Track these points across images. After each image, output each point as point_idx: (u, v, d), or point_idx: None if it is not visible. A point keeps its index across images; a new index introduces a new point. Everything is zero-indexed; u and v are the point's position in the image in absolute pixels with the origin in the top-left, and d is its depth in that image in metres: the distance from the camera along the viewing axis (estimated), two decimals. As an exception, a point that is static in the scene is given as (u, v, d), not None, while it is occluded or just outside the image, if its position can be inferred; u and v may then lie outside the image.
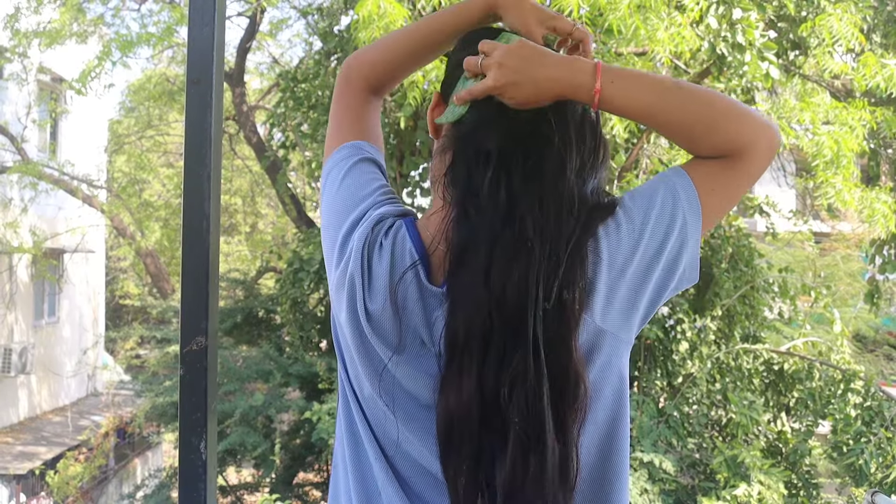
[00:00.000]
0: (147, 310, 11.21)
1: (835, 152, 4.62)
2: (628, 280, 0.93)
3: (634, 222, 0.95)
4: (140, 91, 13.19)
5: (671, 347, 6.21)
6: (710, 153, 0.96)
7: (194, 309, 1.22)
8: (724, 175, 0.97)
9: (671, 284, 0.97)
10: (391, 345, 0.94)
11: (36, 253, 11.33)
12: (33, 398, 12.81)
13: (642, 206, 0.96)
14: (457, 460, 0.89)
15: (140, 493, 8.68)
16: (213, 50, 1.24)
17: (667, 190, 0.97)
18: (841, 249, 11.54)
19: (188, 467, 1.22)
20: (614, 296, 0.93)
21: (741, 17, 4.53)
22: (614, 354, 0.95)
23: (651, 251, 0.94)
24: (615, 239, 0.94)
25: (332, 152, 1.11)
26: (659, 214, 0.95)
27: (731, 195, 0.99)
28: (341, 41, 6.66)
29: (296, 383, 7.30)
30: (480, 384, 0.88)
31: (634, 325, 0.96)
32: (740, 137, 0.94)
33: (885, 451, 5.01)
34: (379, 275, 0.95)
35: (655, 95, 0.95)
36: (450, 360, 0.90)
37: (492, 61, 0.95)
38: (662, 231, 0.95)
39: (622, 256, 0.93)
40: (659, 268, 0.95)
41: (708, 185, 0.97)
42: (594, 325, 0.92)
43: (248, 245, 15.73)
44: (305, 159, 7.38)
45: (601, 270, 0.92)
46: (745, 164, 0.96)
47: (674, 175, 0.98)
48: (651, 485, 5.03)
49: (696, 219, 0.96)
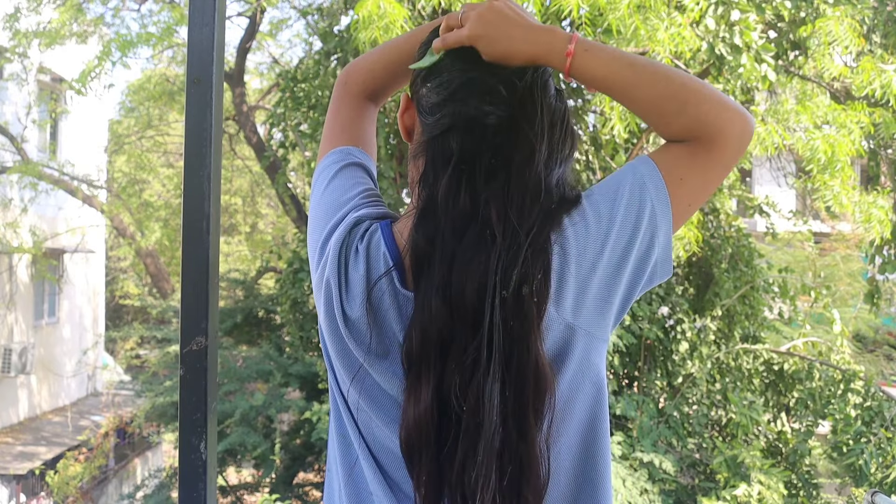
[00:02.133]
0: (147, 310, 11.20)
1: (829, 157, 4.61)
2: (599, 275, 0.91)
3: (602, 214, 0.93)
4: (140, 91, 13.19)
5: (671, 347, 6.22)
6: (681, 134, 0.94)
7: (194, 309, 1.22)
8: (693, 162, 0.94)
9: (643, 278, 0.95)
10: (369, 349, 0.94)
11: (36, 253, 11.33)
12: (33, 398, 12.81)
13: (609, 197, 0.94)
14: (418, 470, 0.88)
15: (140, 493, 8.68)
16: (213, 50, 1.24)
17: (634, 179, 0.94)
18: (841, 249, 11.54)
19: (188, 467, 1.22)
20: (586, 292, 0.91)
21: (739, 19, 4.53)
22: (590, 352, 0.93)
23: (621, 244, 0.92)
24: (583, 232, 0.92)
25: (322, 157, 1.12)
26: (627, 205, 0.93)
27: (702, 184, 0.96)
28: (341, 41, 6.65)
29: (296, 383, 7.30)
30: (439, 391, 0.87)
31: (609, 323, 0.94)
32: (712, 119, 0.92)
33: (885, 451, 5.01)
34: (355, 280, 0.95)
35: (629, 69, 0.93)
36: (408, 369, 0.90)
37: (472, 13, 0.96)
38: (631, 222, 0.92)
39: (591, 250, 0.91)
40: (630, 261, 0.92)
41: (676, 172, 0.94)
42: (565, 322, 0.91)
43: (248, 245, 15.73)
44: (305, 159, 7.37)
45: (570, 264, 0.91)
46: (716, 149, 0.93)
47: (640, 164, 0.96)
48: (651, 485, 5.03)
49: (665, 208, 0.93)
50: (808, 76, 5.77)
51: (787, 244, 9.78)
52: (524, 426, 0.87)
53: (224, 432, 6.74)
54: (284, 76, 7.50)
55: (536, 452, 0.87)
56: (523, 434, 0.87)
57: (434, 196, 0.92)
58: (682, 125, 0.93)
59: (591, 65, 0.94)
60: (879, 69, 4.59)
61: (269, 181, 10.58)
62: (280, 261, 8.79)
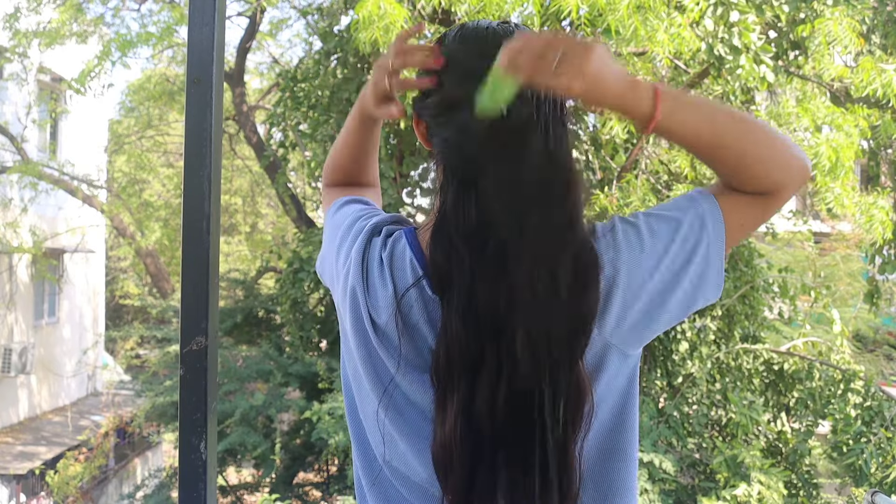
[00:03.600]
0: (147, 310, 11.19)
1: (833, 162, 4.62)
2: (644, 298, 0.90)
3: (658, 236, 0.91)
4: (140, 91, 13.19)
5: (671, 347, 6.21)
6: (751, 191, 0.93)
7: (194, 309, 1.22)
8: (755, 210, 0.94)
9: (691, 305, 0.94)
10: (400, 357, 0.92)
11: (36, 253, 11.33)
12: (33, 398, 12.81)
13: (669, 222, 0.92)
14: (450, 486, 0.88)
15: (140, 493, 8.68)
16: (213, 50, 1.24)
17: (695, 214, 0.93)
18: (841, 249, 11.53)
19: (188, 467, 1.22)
20: (627, 313, 0.90)
21: (739, 20, 4.53)
22: (621, 368, 0.93)
23: (669, 275, 0.91)
24: (637, 251, 0.90)
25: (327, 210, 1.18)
26: (685, 237, 0.91)
27: (755, 226, 0.97)
28: (341, 41, 6.66)
29: (296, 383, 7.30)
30: (468, 410, 0.86)
31: (642, 344, 0.94)
32: (785, 180, 0.92)
33: (885, 451, 5.01)
34: (381, 289, 0.93)
35: (712, 128, 0.89)
36: (437, 386, 0.89)
37: (571, 68, 0.82)
38: (684, 258, 0.91)
39: (643, 271, 0.90)
40: (677, 292, 0.91)
41: (737, 219, 0.94)
42: (603, 340, 0.90)
43: (248, 245, 15.73)
44: (305, 159, 7.38)
45: (619, 282, 0.89)
46: (778, 201, 0.94)
47: (703, 200, 0.94)
48: (651, 485, 5.03)
49: (720, 247, 0.93)
50: (807, 76, 5.77)
51: (787, 244, 9.77)
52: (563, 441, 0.86)
53: (224, 432, 6.74)
54: (284, 76, 7.50)
55: (574, 465, 0.87)
56: (562, 448, 0.86)
57: (445, 207, 0.90)
58: (757, 186, 0.92)
59: (676, 128, 0.89)
60: (879, 69, 4.59)
61: (269, 181, 10.58)
62: (280, 261, 8.79)
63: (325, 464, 7.85)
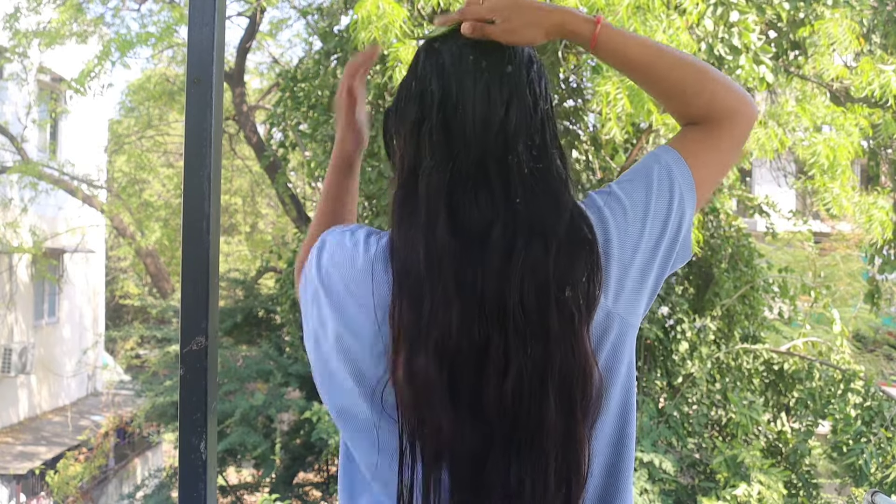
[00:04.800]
0: (147, 310, 11.20)
1: (831, 161, 4.62)
2: (638, 261, 0.94)
3: (637, 201, 0.95)
4: (140, 91, 13.19)
5: (671, 347, 6.21)
6: (697, 114, 0.99)
7: (194, 309, 1.22)
8: (711, 142, 1.00)
9: (671, 262, 0.98)
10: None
11: (36, 253, 11.33)
12: (33, 398, 12.81)
13: (641, 184, 0.97)
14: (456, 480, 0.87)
15: (140, 493, 8.68)
16: (213, 50, 1.24)
17: (660, 167, 0.98)
18: (841, 249, 11.54)
19: (188, 467, 1.22)
20: (625, 278, 0.93)
21: (738, 20, 4.52)
22: (624, 337, 0.94)
23: (657, 229, 0.95)
24: (622, 220, 0.94)
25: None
26: (658, 192, 0.96)
27: (719, 164, 1.02)
28: (341, 41, 6.65)
29: (296, 383, 7.30)
30: (472, 402, 0.86)
31: (641, 308, 0.96)
32: (726, 100, 0.98)
33: (885, 451, 5.01)
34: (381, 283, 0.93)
35: (652, 50, 0.99)
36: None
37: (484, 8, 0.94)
38: (664, 208, 0.96)
39: (632, 237, 0.94)
40: (663, 245, 0.96)
41: (698, 158, 0.99)
42: (606, 309, 0.91)
43: (248, 245, 15.73)
44: (305, 159, 7.37)
45: (612, 252, 0.92)
46: (729, 128, 0.99)
47: (663, 153, 1.00)
48: (651, 485, 5.03)
49: (691, 192, 0.98)
50: (807, 76, 5.77)
51: (787, 244, 9.77)
52: (572, 427, 0.87)
53: (224, 432, 6.74)
54: (284, 76, 7.50)
55: (584, 449, 0.88)
56: (571, 434, 0.87)
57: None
58: (700, 105, 0.99)
59: (618, 40, 0.97)
60: (879, 69, 4.59)
61: (269, 181, 10.58)
62: (280, 261, 8.79)
63: (325, 464, 7.85)
